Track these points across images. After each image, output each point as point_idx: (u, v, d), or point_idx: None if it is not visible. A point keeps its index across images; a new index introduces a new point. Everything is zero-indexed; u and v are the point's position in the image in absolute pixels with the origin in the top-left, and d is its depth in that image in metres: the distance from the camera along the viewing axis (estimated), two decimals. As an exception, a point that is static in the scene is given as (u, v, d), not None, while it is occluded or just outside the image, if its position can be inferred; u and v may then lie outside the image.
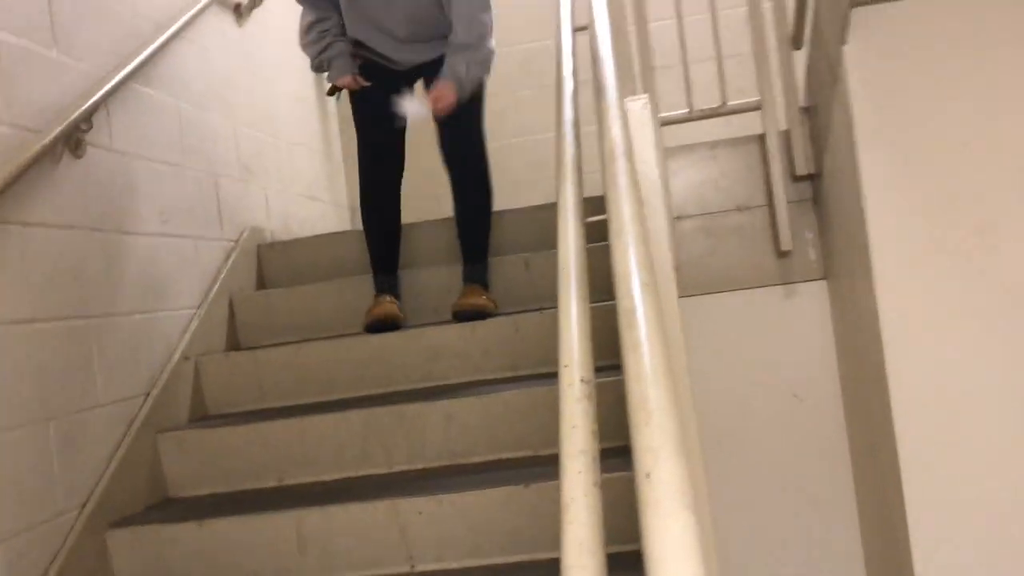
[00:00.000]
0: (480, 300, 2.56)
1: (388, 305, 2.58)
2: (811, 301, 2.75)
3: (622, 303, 0.86)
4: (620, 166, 1.07)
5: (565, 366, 0.99)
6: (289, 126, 3.53)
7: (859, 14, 2.14)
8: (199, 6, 2.74)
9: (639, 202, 1.02)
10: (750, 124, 2.86)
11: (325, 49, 2.65)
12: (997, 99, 2.08)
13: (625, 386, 0.78)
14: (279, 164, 3.37)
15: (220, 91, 2.95)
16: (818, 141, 2.67)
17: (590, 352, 1.01)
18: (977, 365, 2.05)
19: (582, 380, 0.96)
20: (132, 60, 2.34)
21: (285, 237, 3.24)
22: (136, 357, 2.27)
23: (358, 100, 2.69)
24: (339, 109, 4.08)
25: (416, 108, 2.55)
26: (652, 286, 0.87)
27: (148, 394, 2.30)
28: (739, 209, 2.82)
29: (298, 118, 3.66)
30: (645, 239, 0.94)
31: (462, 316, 2.53)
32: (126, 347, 2.22)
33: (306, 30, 2.66)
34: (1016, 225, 2.04)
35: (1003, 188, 2.07)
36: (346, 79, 2.65)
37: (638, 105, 1.43)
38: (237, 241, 2.90)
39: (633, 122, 1.40)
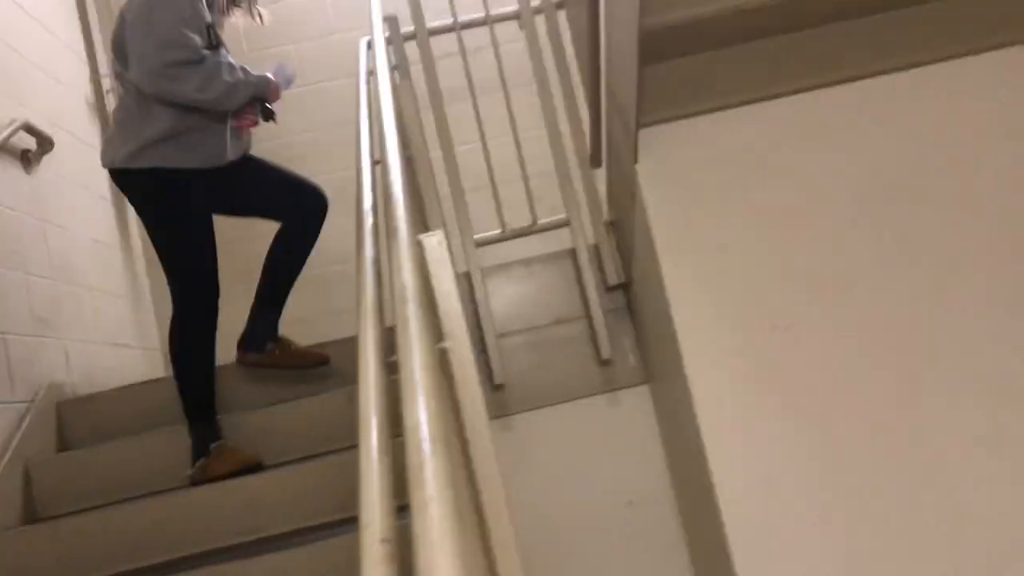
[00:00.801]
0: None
1: (244, 452, 2.46)
2: (636, 407, 2.80)
3: (411, 459, 0.83)
4: (410, 310, 1.05)
5: (365, 526, 0.94)
6: (90, 272, 3.34)
7: (647, 134, 2.27)
8: (-23, 157, 2.58)
9: (430, 346, 1.00)
10: (563, 239, 2.94)
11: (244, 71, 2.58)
12: (779, 204, 2.23)
13: (413, 550, 0.73)
14: (80, 313, 3.17)
15: (8, 242, 2.77)
16: (625, 252, 2.78)
17: (392, 509, 0.96)
18: (789, 458, 2.13)
19: (382, 541, 0.91)
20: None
21: (89, 390, 3.02)
22: (-91, 547, 2.01)
23: (198, 221, 2.58)
24: (145, 250, 3.91)
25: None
26: (442, 440, 0.84)
27: (-76, 588, 2.03)
28: (558, 322, 2.87)
29: (100, 263, 3.48)
30: (434, 389, 0.91)
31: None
32: None
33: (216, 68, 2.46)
34: (807, 322, 2.16)
35: (794, 290, 2.20)
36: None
37: (434, 240, 1.43)
38: (32, 401, 2.67)
39: (431, 257, 1.40)
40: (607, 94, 2.48)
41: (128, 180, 2.57)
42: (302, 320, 3.96)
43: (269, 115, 2.67)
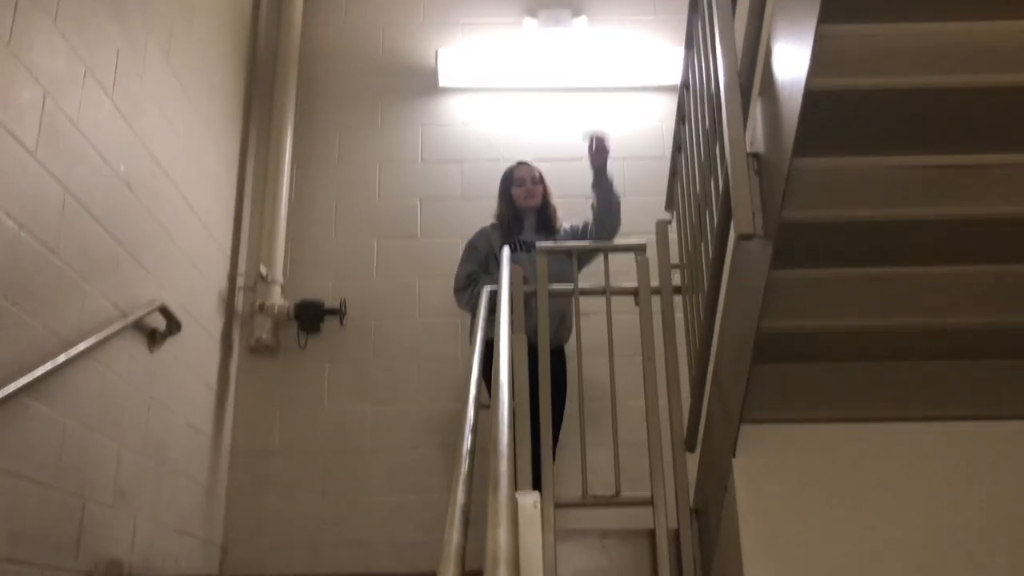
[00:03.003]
0: None
1: None
2: None
3: None
4: (501, 573, 1.04)
5: None
6: (177, 455, 3.41)
7: (748, 430, 2.26)
8: (112, 330, 2.74)
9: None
10: (645, 517, 2.86)
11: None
12: (873, 533, 2.15)
13: None
14: (157, 493, 3.21)
15: (114, 413, 2.88)
16: (706, 545, 2.68)
17: None
18: None
19: None
20: (27, 374, 2.28)
21: (144, 573, 2.99)
22: None
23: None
24: (234, 439, 3.99)
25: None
26: None
27: None
28: (626, 607, 2.73)
29: (189, 448, 3.56)
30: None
31: None
32: None
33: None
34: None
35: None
36: None
37: (529, 501, 1.43)
38: (89, 575, 2.66)
39: (523, 517, 1.39)
40: (712, 383, 2.50)
41: None
42: (362, 544, 3.91)
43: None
